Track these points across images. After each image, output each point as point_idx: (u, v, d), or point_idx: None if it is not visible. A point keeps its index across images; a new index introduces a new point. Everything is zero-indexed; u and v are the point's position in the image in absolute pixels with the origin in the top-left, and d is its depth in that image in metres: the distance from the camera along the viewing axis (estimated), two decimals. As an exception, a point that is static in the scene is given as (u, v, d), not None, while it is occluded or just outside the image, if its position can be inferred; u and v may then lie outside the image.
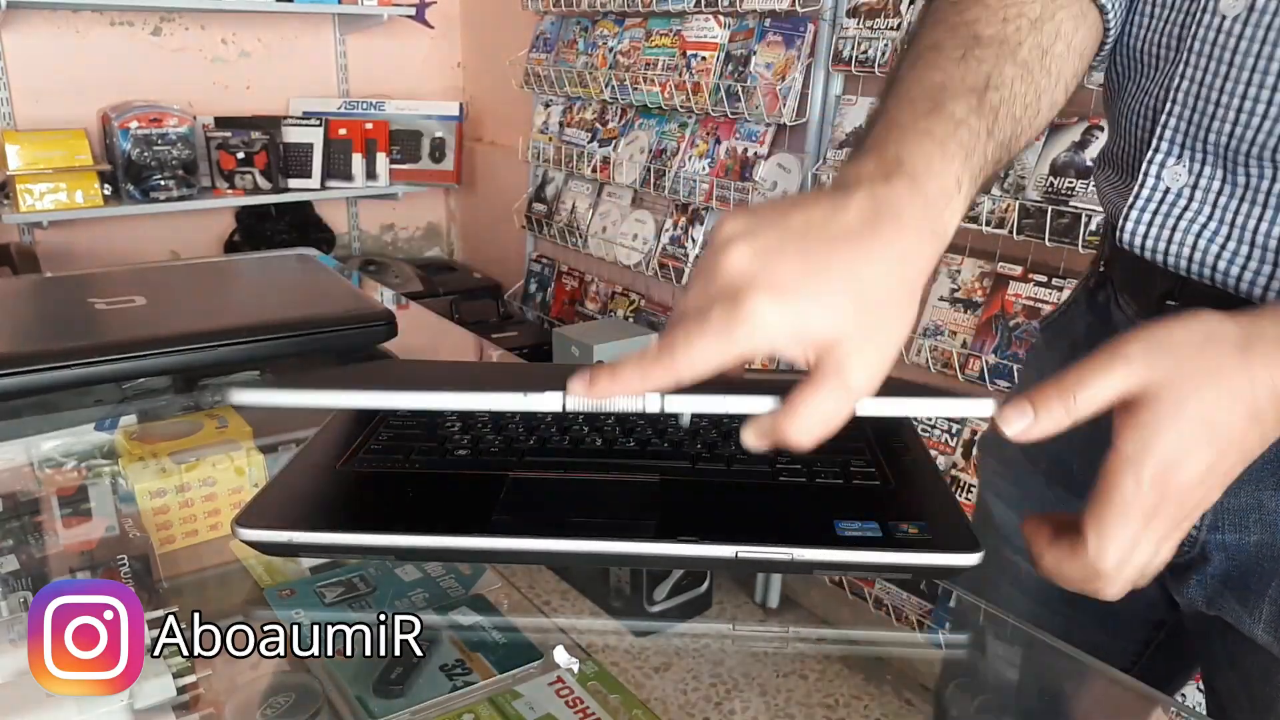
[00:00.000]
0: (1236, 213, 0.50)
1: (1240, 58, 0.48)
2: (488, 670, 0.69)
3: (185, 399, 0.91)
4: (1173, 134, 0.52)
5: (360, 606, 0.75)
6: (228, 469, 0.82)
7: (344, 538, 0.47)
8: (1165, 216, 0.53)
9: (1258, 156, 0.49)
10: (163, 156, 2.59)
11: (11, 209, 2.44)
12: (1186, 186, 0.52)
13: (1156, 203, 0.53)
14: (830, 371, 0.37)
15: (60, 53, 2.60)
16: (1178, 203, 0.52)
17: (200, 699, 0.60)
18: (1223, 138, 0.50)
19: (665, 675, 1.84)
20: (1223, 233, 0.51)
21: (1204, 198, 0.51)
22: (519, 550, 0.45)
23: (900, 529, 0.44)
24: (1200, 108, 0.50)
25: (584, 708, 0.67)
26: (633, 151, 2.37)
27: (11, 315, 0.96)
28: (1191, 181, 0.52)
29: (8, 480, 0.82)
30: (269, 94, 2.92)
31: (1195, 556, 0.58)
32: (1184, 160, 0.52)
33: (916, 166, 0.40)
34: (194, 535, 0.81)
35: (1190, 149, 0.51)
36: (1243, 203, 0.50)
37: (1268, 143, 0.48)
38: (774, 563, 0.44)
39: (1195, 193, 0.52)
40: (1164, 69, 0.52)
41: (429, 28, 3.11)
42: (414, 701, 0.66)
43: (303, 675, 0.69)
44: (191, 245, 2.88)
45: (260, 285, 1.10)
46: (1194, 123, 0.51)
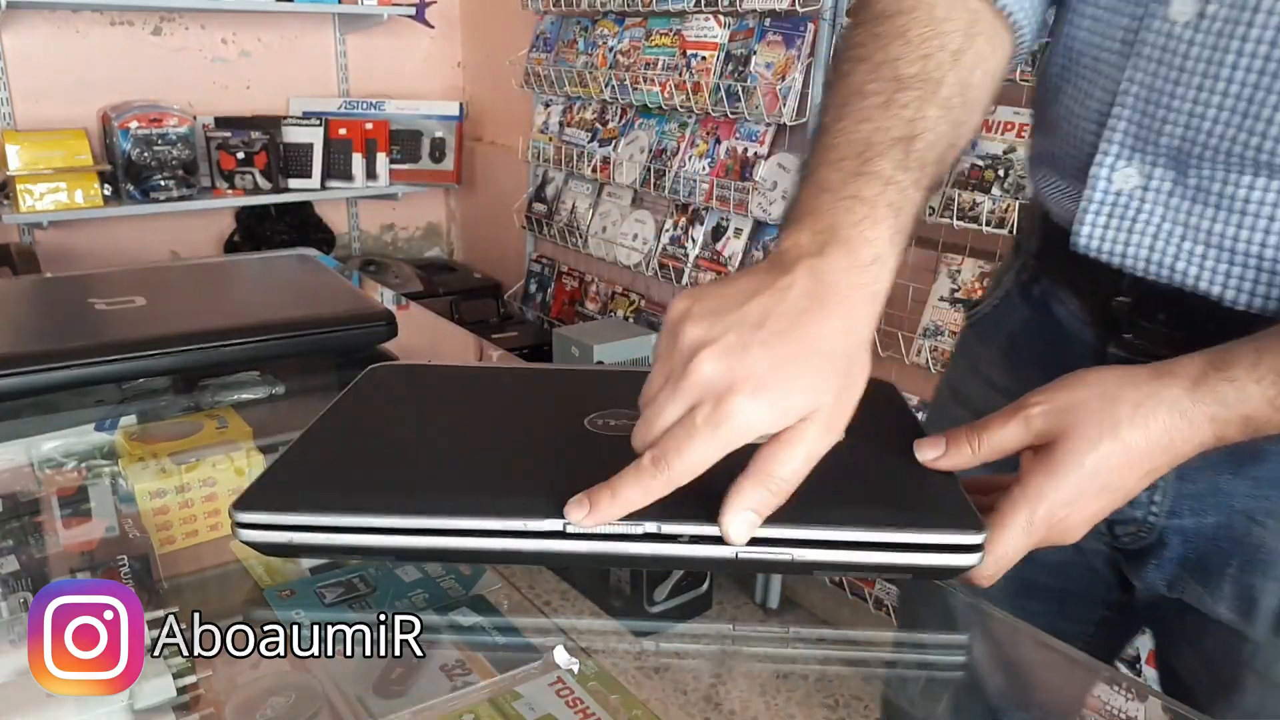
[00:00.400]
0: (1190, 213, 0.52)
1: (1191, 63, 0.49)
2: (488, 670, 0.69)
3: (185, 399, 0.91)
4: (1122, 136, 0.53)
5: (360, 607, 0.75)
6: (228, 469, 0.82)
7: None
8: (1120, 219, 0.54)
9: (1210, 159, 0.50)
10: (163, 156, 2.59)
11: (11, 209, 2.44)
12: (1138, 189, 0.53)
13: (1110, 206, 0.54)
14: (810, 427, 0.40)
15: (60, 52, 2.60)
16: (1130, 205, 0.53)
17: (200, 699, 0.60)
18: (1174, 140, 0.51)
19: (665, 675, 1.83)
20: (1177, 233, 0.52)
21: (1156, 199, 0.53)
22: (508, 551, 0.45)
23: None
24: (1150, 111, 0.51)
25: (584, 708, 0.67)
26: (633, 151, 2.37)
27: (12, 315, 0.96)
28: (1143, 184, 0.53)
29: (8, 480, 0.82)
30: (269, 94, 2.92)
31: (1153, 542, 0.59)
32: (1134, 163, 0.53)
33: (850, 235, 0.43)
34: (194, 536, 0.81)
35: (1140, 151, 0.52)
36: (1195, 203, 0.51)
37: (1220, 145, 0.49)
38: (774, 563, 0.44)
39: (1147, 194, 0.53)
40: (1108, 72, 0.53)
41: (429, 27, 3.11)
42: (414, 702, 0.66)
43: (303, 675, 0.69)
44: (191, 245, 2.88)
45: (260, 285, 1.10)
46: (1144, 125, 0.52)
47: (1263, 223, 0.50)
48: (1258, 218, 0.50)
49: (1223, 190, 0.50)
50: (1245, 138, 0.49)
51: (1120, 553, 0.62)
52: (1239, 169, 0.49)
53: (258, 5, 2.76)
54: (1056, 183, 0.59)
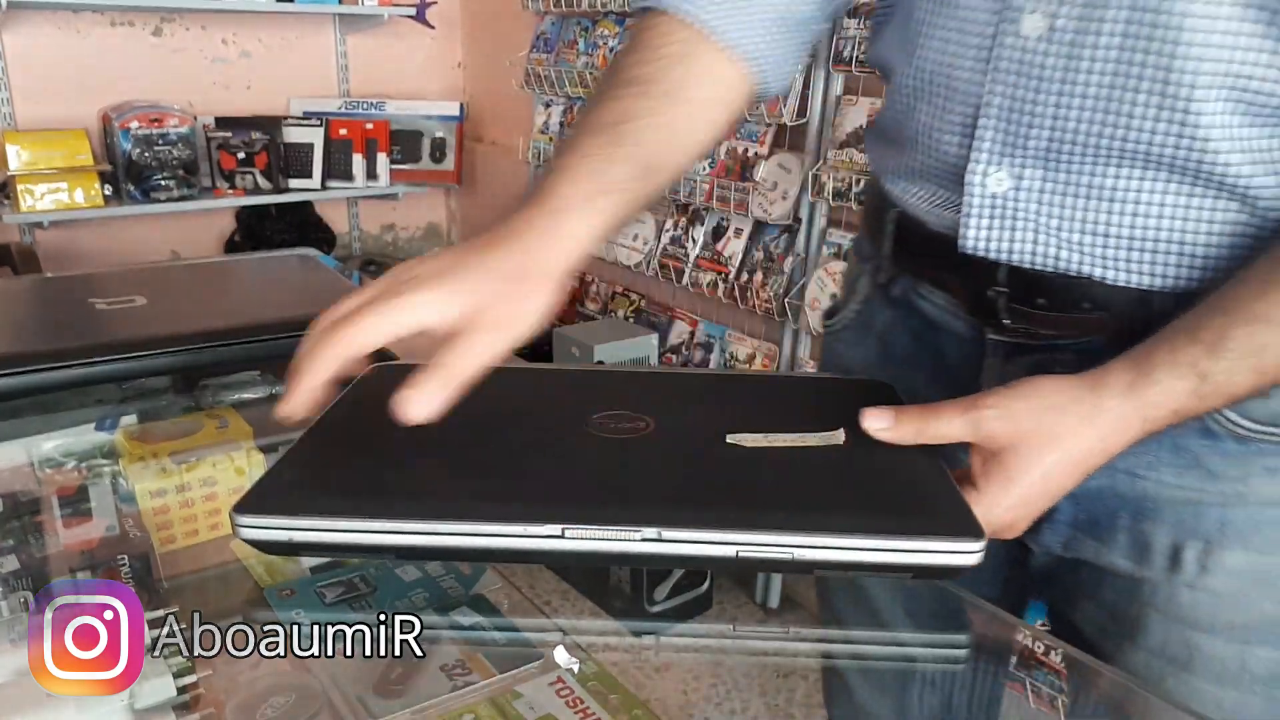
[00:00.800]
0: (1064, 206, 0.56)
1: (1048, 73, 0.54)
2: (488, 670, 0.69)
3: (185, 399, 0.91)
4: (990, 144, 0.57)
5: (360, 607, 0.75)
6: (228, 469, 0.82)
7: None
8: (1001, 219, 0.58)
9: (1078, 155, 0.55)
10: (163, 156, 2.59)
11: (12, 209, 2.44)
12: (1012, 189, 0.57)
13: (989, 209, 0.58)
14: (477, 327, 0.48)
15: (61, 53, 2.60)
16: (1008, 205, 0.58)
17: (200, 699, 0.60)
18: (1041, 143, 0.55)
19: (665, 675, 1.83)
20: (1053, 225, 0.57)
21: (1030, 197, 0.57)
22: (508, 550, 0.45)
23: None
24: (1015, 119, 0.56)
25: (584, 708, 0.67)
26: (633, 152, 2.37)
27: (12, 315, 0.96)
28: (1015, 185, 0.57)
29: (8, 480, 0.82)
30: (269, 94, 2.92)
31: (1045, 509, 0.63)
32: (1004, 166, 0.57)
33: (546, 194, 0.53)
34: (194, 535, 0.81)
35: (1009, 156, 0.57)
36: (1067, 196, 0.56)
37: (1084, 142, 0.54)
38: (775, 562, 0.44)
39: (1020, 194, 0.57)
40: (966, 88, 0.58)
41: (430, 28, 3.11)
42: (414, 702, 0.66)
43: (303, 675, 0.69)
44: (192, 245, 2.88)
45: (261, 285, 1.10)
46: (1010, 133, 0.56)
47: (1129, 207, 0.55)
48: (1124, 203, 0.55)
49: (1090, 182, 0.55)
50: (1106, 134, 0.53)
51: None
52: (1104, 161, 0.54)
53: (258, 6, 2.76)
54: (927, 193, 0.63)
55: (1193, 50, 0.50)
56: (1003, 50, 0.55)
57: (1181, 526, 0.59)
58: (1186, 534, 0.59)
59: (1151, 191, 0.54)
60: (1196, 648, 0.60)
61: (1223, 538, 0.58)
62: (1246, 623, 0.59)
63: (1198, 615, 0.60)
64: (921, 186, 0.63)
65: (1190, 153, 0.52)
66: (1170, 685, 0.62)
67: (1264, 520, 0.58)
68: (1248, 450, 0.57)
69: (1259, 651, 0.59)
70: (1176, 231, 0.55)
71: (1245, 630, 0.59)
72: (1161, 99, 0.51)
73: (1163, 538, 0.60)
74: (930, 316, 0.67)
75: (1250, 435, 0.56)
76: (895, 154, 0.66)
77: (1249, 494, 0.57)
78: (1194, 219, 0.54)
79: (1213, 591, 0.59)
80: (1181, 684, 0.61)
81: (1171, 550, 0.60)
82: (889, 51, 0.65)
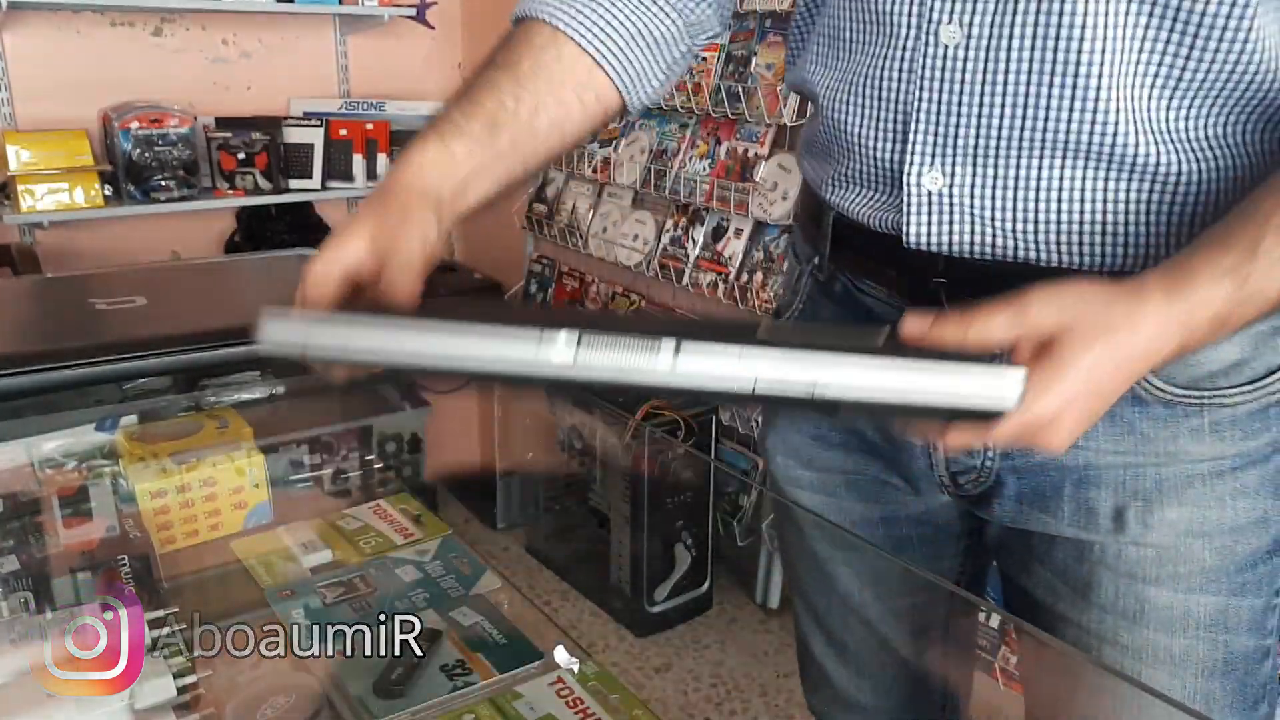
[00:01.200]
0: (995, 198, 0.60)
1: (969, 76, 0.58)
2: (488, 670, 0.69)
3: (186, 399, 0.91)
4: (923, 147, 0.61)
5: (360, 606, 0.75)
6: (228, 469, 0.82)
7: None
8: (940, 215, 0.62)
9: (1005, 150, 0.59)
10: (163, 157, 2.59)
11: (12, 209, 2.44)
12: (945, 187, 0.61)
13: (928, 206, 0.62)
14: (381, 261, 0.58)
15: (61, 53, 2.60)
16: (944, 201, 0.61)
17: (200, 699, 0.60)
18: (969, 141, 0.60)
19: (665, 675, 1.83)
20: (988, 215, 0.61)
21: (963, 192, 0.61)
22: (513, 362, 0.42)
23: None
24: (943, 122, 0.60)
25: (584, 708, 0.67)
26: (633, 152, 2.37)
27: (13, 315, 0.96)
28: (948, 182, 0.61)
29: (9, 480, 0.82)
30: (270, 95, 2.92)
31: (992, 484, 0.68)
32: (937, 165, 0.61)
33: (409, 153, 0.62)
34: (195, 535, 0.81)
35: (941, 156, 0.61)
36: (998, 189, 0.60)
37: (1011, 136, 0.58)
38: (795, 400, 0.41)
39: (954, 190, 0.61)
40: (893, 97, 0.62)
41: (430, 28, 3.10)
42: (414, 702, 0.66)
43: (303, 675, 0.69)
44: (192, 246, 2.88)
45: (261, 286, 1.10)
46: (939, 135, 0.61)
47: (1054, 194, 0.59)
48: (1049, 190, 0.59)
49: (1017, 174, 0.59)
50: (1028, 127, 0.58)
51: (965, 499, 0.71)
52: (1028, 154, 0.59)
53: (258, 6, 2.76)
54: (866, 197, 0.67)
55: (1096, 45, 0.55)
56: (926, 59, 0.60)
57: (1122, 489, 0.64)
58: (1127, 495, 0.64)
59: (1072, 179, 0.58)
60: (1145, 599, 0.65)
61: (1160, 495, 0.63)
62: (1188, 573, 0.64)
63: (1145, 569, 0.65)
64: (859, 192, 0.68)
65: (1103, 139, 0.57)
66: (1124, 638, 0.66)
67: (1194, 475, 0.63)
68: (1174, 414, 0.62)
69: (1200, 599, 0.64)
70: (1099, 214, 0.59)
71: (1187, 579, 0.64)
72: (1073, 92, 0.56)
73: (1105, 501, 0.64)
74: (873, 310, 0.70)
75: (1175, 400, 0.62)
76: (831, 164, 0.70)
77: (1179, 453, 0.63)
78: (1113, 200, 0.58)
79: (1157, 546, 0.64)
80: (1135, 636, 0.66)
81: (1115, 512, 0.64)
82: (812, 72, 0.70)
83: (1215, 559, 0.64)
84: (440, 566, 0.83)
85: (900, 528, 0.77)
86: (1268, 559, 0.65)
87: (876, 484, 0.75)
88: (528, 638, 0.74)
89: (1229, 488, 0.63)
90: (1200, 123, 0.57)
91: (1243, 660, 0.66)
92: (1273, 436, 0.64)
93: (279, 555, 0.82)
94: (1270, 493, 0.65)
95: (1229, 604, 0.65)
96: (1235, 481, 0.63)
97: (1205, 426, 0.62)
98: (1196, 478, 0.63)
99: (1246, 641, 0.66)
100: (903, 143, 0.62)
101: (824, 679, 0.86)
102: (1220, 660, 0.66)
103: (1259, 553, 0.65)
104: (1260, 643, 0.67)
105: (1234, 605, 0.65)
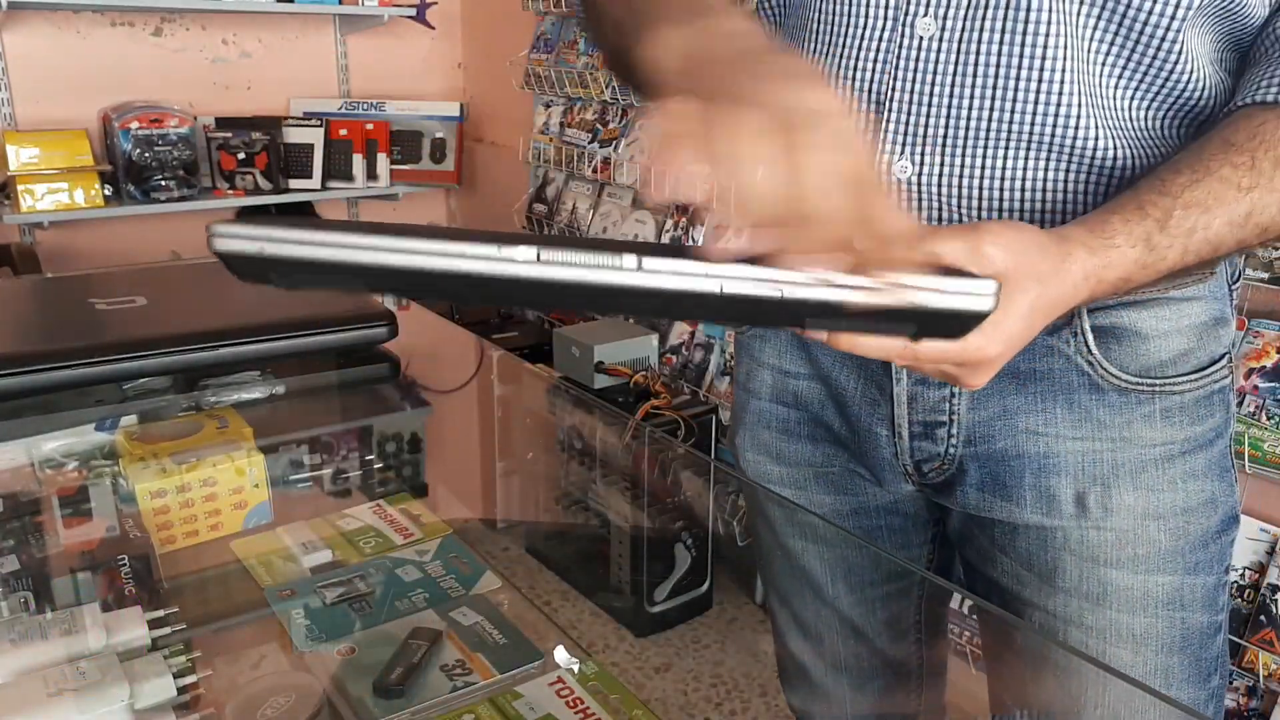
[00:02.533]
0: (961, 186, 0.62)
1: (941, 68, 0.60)
2: (488, 670, 0.70)
3: (186, 399, 0.91)
4: (894, 136, 0.63)
5: (359, 606, 0.75)
6: (228, 469, 0.82)
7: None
8: (910, 202, 0.63)
9: (973, 141, 0.61)
10: (163, 157, 2.59)
11: (12, 209, 2.44)
12: (914, 175, 0.63)
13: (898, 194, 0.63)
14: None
15: (61, 53, 2.60)
16: (913, 189, 0.63)
17: (200, 699, 0.60)
18: (938, 132, 0.62)
19: (665, 675, 1.84)
20: (952, 204, 0.62)
21: (931, 180, 0.63)
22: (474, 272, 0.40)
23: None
24: (914, 111, 0.62)
25: (584, 708, 0.67)
26: (634, 152, 2.37)
27: (13, 316, 0.96)
28: (916, 170, 0.63)
29: (9, 480, 0.82)
30: (270, 94, 2.92)
31: (955, 472, 0.70)
32: (906, 154, 0.63)
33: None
34: (194, 535, 0.81)
35: (910, 145, 0.63)
36: (964, 178, 0.62)
37: (979, 128, 0.60)
38: (764, 301, 0.40)
39: (923, 178, 0.63)
40: (869, 83, 0.64)
41: (430, 28, 3.11)
42: (414, 701, 0.66)
43: (303, 675, 0.69)
44: (192, 245, 2.88)
45: (261, 286, 1.10)
46: (910, 124, 0.62)
47: (1017, 184, 0.61)
48: (1013, 180, 0.61)
49: (983, 164, 0.61)
50: (994, 119, 0.60)
51: (929, 487, 0.73)
52: (994, 145, 0.61)
53: (258, 6, 2.76)
54: None
55: (1057, 41, 0.57)
56: (901, 50, 0.62)
57: (1081, 474, 0.66)
58: (1086, 480, 0.66)
59: (1035, 170, 0.61)
60: (1108, 582, 0.67)
61: (1116, 479, 0.66)
62: (1147, 554, 0.67)
63: (1105, 553, 0.67)
64: None
65: (1065, 132, 0.59)
66: (1089, 620, 0.68)
67: (1148, 460, 0.66)
68: (1128, 400, 0.65)
69: (1158, 579, 0.67)
70: (1059, 204, 0.61)
71: (1146, 561, 0.67)
72: (1039, 86, 0.59)
73: (1066, 488, 0.67)
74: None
75: (1129, 387, 0.65)
76: None
77: (1133, 438, 0.66)
78: (1072, 192, 0.61)
79: (1116, 530, 0.67)
80: (1099, 617, 0.68)
81: (1076, 498, 0.67)
82: None
83: (1170, 540, 0.67)
84: (440, 566, 0.83)
85: (870, 518, 0.79)
86: (1217, 538, 0.69)
87: (845, 475, 0.77)
88: (528, 638, 0.74)
89: (1179, 471, 0.66)
90: (1153, 119, 0.60)
91: (1198, 635, 0.69)
92: (1216, 422, 0.67)
93: (279, 555, 0.82)
94: (1217, 475, 0.68)
95: (1184, 582, 0.67)
96: (1185, 465, 0.66)
97: (1156, 413, 0.65)
98: (1150, 462, 0.66)
99: (1201, 618, 0.69)
100: (874, 132, 0.64)
101: (802, 675, 0.87)
102: (1178, 636, 0.68)
103: (1209, 532, 0.68)
104: (1213, 618, 0.70)
105: (1189, 584, 0.68)
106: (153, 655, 0.60)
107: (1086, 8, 0.57)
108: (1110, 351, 0.64)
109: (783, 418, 0.78)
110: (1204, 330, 0.65)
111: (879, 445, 0.71)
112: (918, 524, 0.80)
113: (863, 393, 0.71)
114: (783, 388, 0.77)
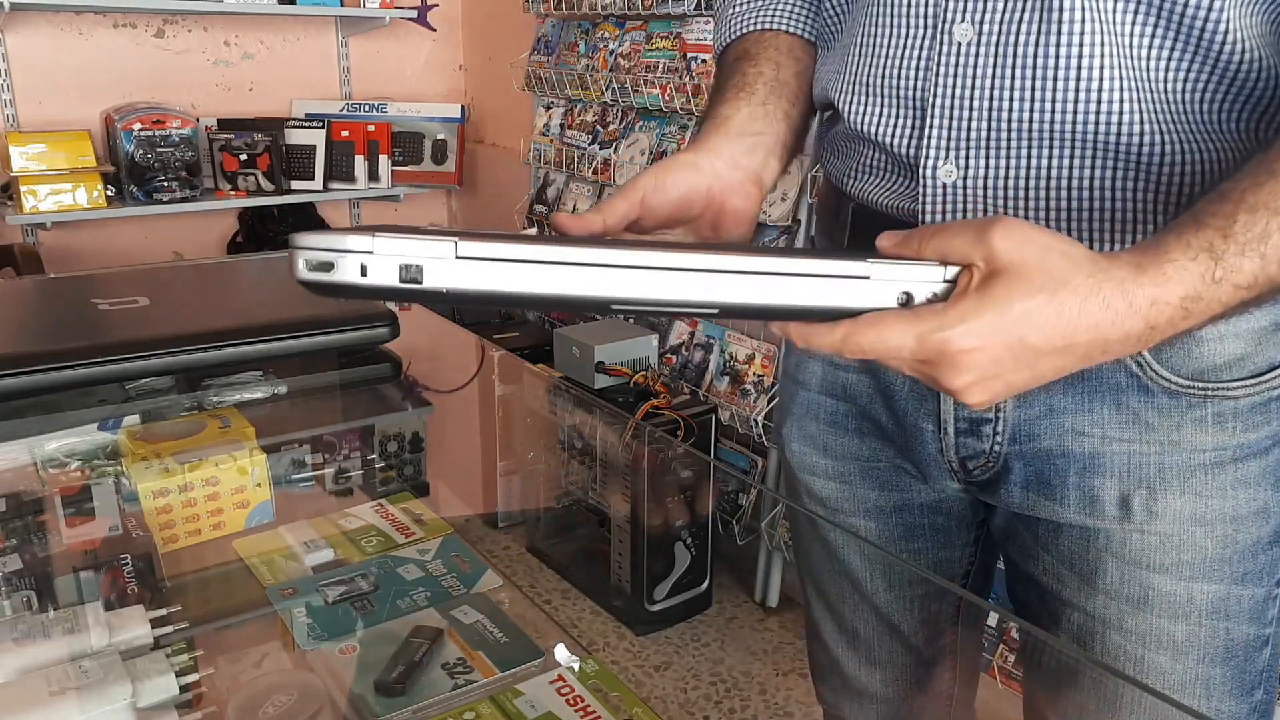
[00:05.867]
0: (1006, 187, 0.62)
1: (981, 72, 0.61)
2: (489, 668, 0.70)
3: (188, 399, 0.92)
4: (938, 141, 0.64)
5: (362, 605, 0.76)
6: (230, 469, 0.83)
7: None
8: (954, 204, 0.64)
9: (1015, 142, 0.61)
10: (166, 158, 2.59)
11: (15, 210, 2.45)
12: (960, 178, 0.63)
13: (943, 198, 0.64)
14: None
15: (63, 54, 2.61)
16: (958, 192, 0.64)
17: (202, 697, 0.60)
18: (981, 135, 0.62)
19: (665, 674, 1.84)
20: (997, 205, 0.63)
21: (975, 183, 0.63)
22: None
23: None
24: (957, 116, 0.63)
25: (585, 706, 0.67)
26: (634, 153, 2.37)
27: (16, 316, 0.97)
28: (962, 174, 0.63)
29: (12, 479, 0.83)
30: (271, 96, 2.93)
31: (999, 470, 0.69)
32: (951, 158, 0.63)
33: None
34: (197, 535, 0.81)
35: (955, 149, 0.63)
36: (1009, 178, 0.62)
37: (1020, 129, 0.61)
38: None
39: (967, 181, 0.63)
40: (909, 91, 0.65)
41: (431, 30, 3.11)
42: (416, 700, 0.66)
43: (304, 673, 0.69)
44: (194, 246, 2.89)
45: (263, 286, 1.11)
46: (954, 129, 0.63)
47: (1058, 183, 0.61)
48: (1054, 179, 0.61)
49: (1029, 165, 0.62)
50: (1035, 120, 0.60)
51: (974, 484, 0.72)
52: (1036, 145, 0.61)
53: (260, 8, 2.76)
54: (887, 184, 0.69)
55: (1094, 39, 0.57)
56: (939, 56, 0.63)
57: (1127, 476, 0.65)
58: (1132, 483, 0.65)
59: (1079, 169, 0.61)
60: (1150, 586, 0.66)
61: (1163, 483, 0.65)
62: (1191, 561, 0.66)
63: (1149, 557, 0.66)
64: (878, 178, 0.70)
65: (1109, 129, 0.59)
66: (1129, 623, 0.67)
67: (1196, 465, 0.64)
68: (1178, 404, 0.64)
69: (1203, 586, 0.66)
70: (1099, 201, 0.61)
71: (1190, 568, 0.66)
72: (1077, 84, 0.59)
73: (1111, 489, 0.66)
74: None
75: (1179, 390, 0.63)
76: (851, 158, 0.72)
77: (1182, 442, 0.64)
78: (1119, 190, 0.60)
79: (1161, 534, 0.66)
80: (1139, 621, 0.67)
81: (1120, 499, 0.66)
82: (820, 76, 0.73)
83: (1217, 548, 0.65)
84: (441, 565, 0.83)
85: (913, 516, 0.78)
86: (1268, 549, 0.67)
87: (890, 470, 0.77)
88: (528, 636, 0.75)
89: (1230, 478, 0.64)
90: (1208, 105, 0.59)
91: (1242, 648, 0.68)
92: (1273, 429, 0.65)
93: (281, 554, 0.82)
94: (1271, 484, 0.65)
95: (1230, 592, 0.66)
96: (1236, 472, 0.64)
97: (1208, 417, 0.64)
98: (1199, 467, 0.64)
99: (1247, 629, 0.67)
100: (919, 137, 0.65)
101: (834, 667, 0.87)
102: (1221, 647, 0.67)
103: (1260, 543, 0.66)
104: (1260, 631, 0.68)
105: (1235, 594, 0.66)
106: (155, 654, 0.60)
107: (1123, 3, 0.57)
108: (1161, 353, 0.62)
109: (831, 409, 0.78)
110: (1263, 335, 0.63)
111: (925, 440, 0.71)
112: (961, 525, 0.80)
113: (910, 387, 0.71)
114: (832, 379, 0.77)
